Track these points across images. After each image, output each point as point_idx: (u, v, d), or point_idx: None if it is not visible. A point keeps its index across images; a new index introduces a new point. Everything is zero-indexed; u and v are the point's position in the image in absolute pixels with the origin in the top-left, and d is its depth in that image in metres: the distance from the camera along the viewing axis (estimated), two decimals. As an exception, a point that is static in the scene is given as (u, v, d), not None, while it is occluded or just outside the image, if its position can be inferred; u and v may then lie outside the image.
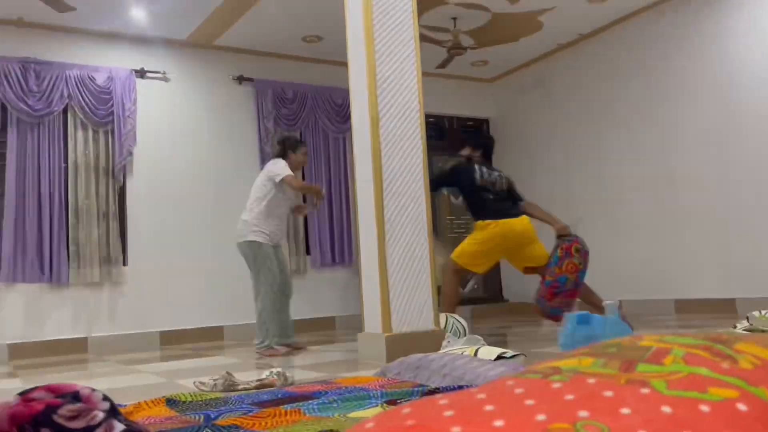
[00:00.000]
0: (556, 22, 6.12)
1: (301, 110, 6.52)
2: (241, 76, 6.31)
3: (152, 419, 1.76)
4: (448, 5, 5.61)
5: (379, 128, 3.54)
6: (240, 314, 5.97)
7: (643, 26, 6.04)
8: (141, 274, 5.66)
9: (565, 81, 6.87)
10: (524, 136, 7.41)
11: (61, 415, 1.04)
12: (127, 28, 5.66)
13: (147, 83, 5.91)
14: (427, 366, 2.30)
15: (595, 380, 0.58)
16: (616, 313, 2.74)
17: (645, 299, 5.89)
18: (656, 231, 5.89)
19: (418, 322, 3.51)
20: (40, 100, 5.38)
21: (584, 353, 0.68)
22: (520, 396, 0.57)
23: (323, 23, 5.75)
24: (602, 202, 6.43)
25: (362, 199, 3.65)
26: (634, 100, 6.13)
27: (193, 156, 6.04)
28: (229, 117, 6.26)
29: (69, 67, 5.54)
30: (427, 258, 3.59)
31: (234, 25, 5.76)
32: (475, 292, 7.52)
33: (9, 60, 5.31)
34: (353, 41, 3.76)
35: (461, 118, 7.71)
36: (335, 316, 6.44)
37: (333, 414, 1.66)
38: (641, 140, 6.05)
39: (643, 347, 0.67)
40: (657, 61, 5.92)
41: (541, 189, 7.17)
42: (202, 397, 2.04)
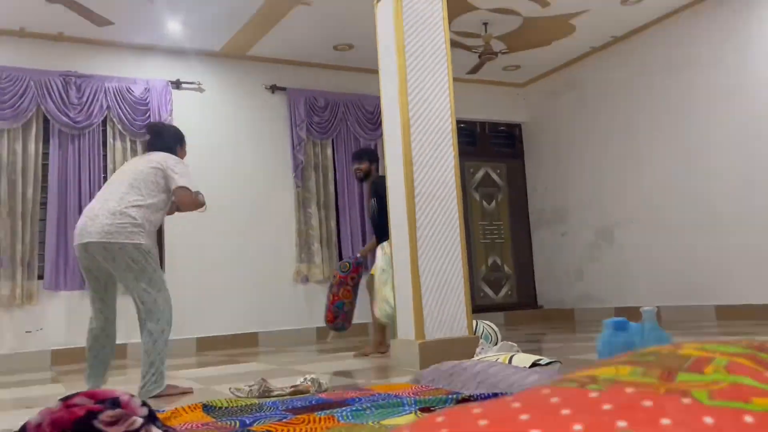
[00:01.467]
0: (589, 25, 6.05)
1: (332, 118, 6.56)
2: (274, 85, 6.39)
3: (189, 425, 1.79)
4: (479, 11, 5.59)
5: (411, 135, 3.54)
6: (274, 321, 6.03)
7: (677, 28, 5.93)
8: (177, 281, 5.74)
9: (598, 84, 6.78)
10: (557, 140, 7.33)
11: (101, 420, 1.07)
12: (163, 40, 5.80)
13: (182, 94, 6.03)
14: (461, 373, 2.29)
15: (633, 390, 0.57)
16: (654, 320, 2.68)
17: (684, 305, 5.75)
18: (695, 235, 5.75)
19: (452, 328, 3.49)
20: (81, 112, 5.54)
21: (622, 362, 0.67)
22: (556, 405, 0.56)
23: (354, 31, 5.79)
24: (638, 206, 6.31)
25: (394, 205, 3.66)
26: (668, 102, 6.01)
27: (228, 165, 6.13)
28: (263, 126, 6.34)
29: (108, 80, 5.69)
30: (460, 264, 3.57)
31: (266, 36, 5.85)
32: (508, 298, 7.45)
33: (51, 74, 5.48)
34: (384, 48, 3.78)
35: (493, 123, 7.67)
36: (368, 323, 6.45)
37: (366, 421, 1.66)
38: (677, 142, 5.93)
39: (684, 356, 0.65)
40: (692, 62, 5.79)
41: (575, 193, 7.08)
42: (238, 403, 2.06)
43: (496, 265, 7.45)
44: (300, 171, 6.33)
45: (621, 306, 6.33)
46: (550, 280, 7.43)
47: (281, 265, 6.17)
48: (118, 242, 3.00)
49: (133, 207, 3.07)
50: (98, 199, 3.16)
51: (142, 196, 3.12)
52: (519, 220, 7.67)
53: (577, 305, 7.04)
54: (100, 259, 3.05)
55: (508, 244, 7.55)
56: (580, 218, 7.02)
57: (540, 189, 7.57)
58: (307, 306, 6.22)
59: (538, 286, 7.57)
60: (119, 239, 3.01)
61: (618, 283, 6.52)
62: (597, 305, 6.74)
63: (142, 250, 3.05)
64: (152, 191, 3.15)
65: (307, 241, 6.28)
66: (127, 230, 3.03)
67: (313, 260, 6.26)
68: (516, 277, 7.51)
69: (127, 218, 3.04)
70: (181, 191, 3.17)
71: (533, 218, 7.67)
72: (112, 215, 3.03)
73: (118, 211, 3.04)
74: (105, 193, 3.17)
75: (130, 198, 3.09)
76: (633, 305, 6.02)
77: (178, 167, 3.21)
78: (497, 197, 7.59)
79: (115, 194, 3.10)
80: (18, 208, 5.26)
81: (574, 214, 7.09)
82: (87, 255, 3.06)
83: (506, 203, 7.62)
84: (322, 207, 6.41)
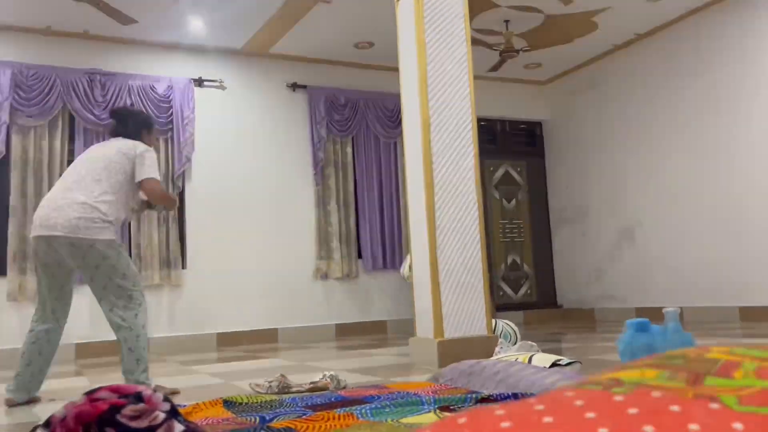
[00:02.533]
0: (612, 22, 5.98)
1: (353, 116, 6.57)
2: (295, 83, 6.41)
3: (210, 420, 1.80)
4: (501, 8, 5.55)
5: (431, 132, 3.53)
6: (294, 317, 6.07)
7: (702, 24, 5.84)
8: (199, 277, 5.82)
9: (621, 82, 6.70)
10: (579, 138, 7.26)
11: (124, 415, 1.08)
12: (186, 39, 5.85)
13: (205, 92, 6.08)
14: (480, 372, 2.28)
15: (660, 393, 0.56)
16: (677, 321, 2.64)
17: (706, 306, 5.67)
18: (718, 234, 5.66)
19: (471, 327, 3.47)
20: (105, 109, 5.61)
21: (647, 364, 0.66)
22: (580, 408, 0.55)
23: (374, 29, 5.79)
24: (661, 206, 6.23)
25: (413, 204, 3.65)
26: (693, 101, 5.92)
27: (249, 162, 6.18)
28: (283, 123, 6.37)
29: (132, 78, 5.75)
30: (480, 263, 3.55)
31: (287, 34, 5.87)
32: (527, 298, 7.40)
33: (76, 72, 5.56)
34: (405, 46, 3.77)
35: (514, 121, 7.62)
36: (387, 320, 6.46)
37: (386, 419, 1.66)
38: (701, 141, 5.84)
39: (711, 360, 0.64)
40: (717, 59, 5.70)
41: (596, 192, 7.01)
42: (258, 399, 2.07)
43: (516, 264, 7.40)
44: (320, 169, 6.35)
45: (642, 306, 6.26)
46: (570, 279, 7.37)
47: (301, 262, 6.20)
48: (88, 239, 2.75)
49: (103, 202, 2.83)
50: (60, 188, 2.88)
51: (111, 188, 2.87)
52: (539, 218, 7.61)
53: (597, 305, 6.98)
54: (64, 255, 2.79)
55: (528, 243, 7.50)
56: (600, 217, 6.95)
57: (561, 188, 7.51)
58: (326, 303, 6.24)
59: (558, 285, 7.51)
60: (89, 235, 2.75)
61: (639, 283, 6.45)
62: (617, 305, 6.67)
63: (114, 245, 2.81)
64: (121, 183, 2.91)
65: (326, 238, 6.30)
66: (97, 226, 2.78)
67: (333, 257, 6.28)
68: (535, 276, 7.47)
69: (96, 213, 2.79)
70: (150, 182, 2.94)
71: (553, 217, 7.61)
72: (81, 208, 2.77)
73: (88, 205, 2.79)
74: (68, 182, 2.88)
75: (99, 190, 2.84)
76: (654, 305, 5.95)
77: (148, 157, 2.96)
78: (517, 196, 7.55)
79: (81, 185, 2.84)
80: (43, 204, 5.34)
81: (595, 213, 7.02)
82: (48, 249, 2.79)
83: (526, 202, 7.57)
84: (342, 204, 6.42)
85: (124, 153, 2.95)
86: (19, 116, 5.35)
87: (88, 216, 2.77)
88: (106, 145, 3.06)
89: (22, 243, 5.22)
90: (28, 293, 5.19)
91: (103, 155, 2.95)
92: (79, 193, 2.82)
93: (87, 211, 2.78)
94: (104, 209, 2.82)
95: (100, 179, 2.87)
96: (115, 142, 3.05)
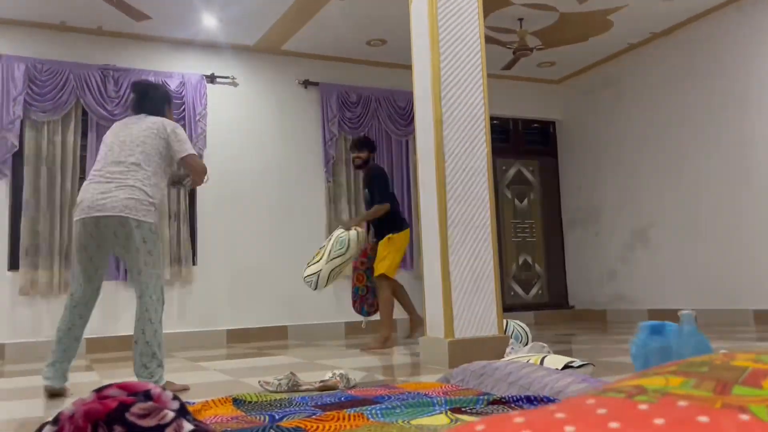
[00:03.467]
0: (627, 21, 5.92)
1: (364, 113, 6.55)
2: (307, 80, 6.40)
3: (219, 418, 1.79)
4: (515, 6, 5.51)
5: (443, 131, 3.51)
6: (303, 315, 6.06)
7: (719, 23, 5.76)
8: (209, 273, 5.83)
9: (636, 82, 6.63)
10: (593, 138, 7.20)
11: (133, 413, 1.07)
12: (199, 35, 5.86)
13: (217, 88, 6.08)
14: (492, 374, 2.25)
15: (686, 403, 0.54)
16: (693, 324, 2.60)
17: (721, 309, 5.60)
18: (733, 237, 5.59)
19: (482, 327, 3.45)
20: (118, 105, 5.63)
21: (671, 371, 0.64)
22: (603, 417, 0.53)
23: (387, 27, 5.77)
24: (675, 207, 6.16)
25: (425, 202, 3.63)
26: (709, 101, 5.85)
27: (260, 159, 6.18)
28: (295, 120, 6.36)
29: (144, 73, 5.76)
30: (491, 262, 3.52)
31: (300, 31, 5.86)
32: (539, 298, 7.36)
33: (89, 67, 5.58)
34: (418, 43, 3.75)
35: (527, 120, 7.57)
36: (397, 319, 6.43)
37: (396, 420, 1.65)
38: (717, 143, 5.77)
39: (738, 367, 0.62)
40: (734, 59, 5.62)
41: (609, 193, 6.95)
42: (267, 398, 2.06)
43: (527, 264, 7.36)
44: (331, 166, 6.34)
45: (655, 308, 6.20)
46: (582, 280, 7.31)
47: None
48: (136, 219, 2.82)
49: (148, 185, 2.90)
50: (102, 173, 2.93)
51: (153, 171, 2.94)
52: (551, 218, 7.56)
53: (609, 306, 6.92)
54: (110, 236, 2.84)
55: (540, 243, 7.45)
56: (614, 218, 6.89)
57: (574, 187, 7.45)
58: (336, 300, 6.23)
59: (570, 286, 7.46)
60: (137, 216, 2.83)
61: (652, 285, 6.38)
62: (630, 307, 6.61)
63: (154, 230, 2.90)
64: (158, 164, 2.98)
65: (337, 236, 6.28)
66: (144, 207, 2.87)
67: (343, 255, 6.26)
68: (547, 277, 7.42)
69: (143, 194, 2.87)
70: (193, 158, 3.04)
71: (566, 217, 7.56)
72: (130, 190, 2.85)
73: (136, 187, 2.87)
74: (109, 166, 2.93)
75: (143, 174, 2.91)
76: (667, 308, 5.89)
77: (180, 133, 3.03)
78: (530, 195, 7.50)
79: (122, 168, 2.90)
80: (57, 199, 5.37)
81: (609, 213, 6.96)
82: (95, 230, 2.85)
83: (539, 201, 7.52)
84: (353, 202, 6.41)
85: (155, 133, 2.99)
86: (33, 111, 5.38)
87: (137, 197, 2.86)
88: (133, 125, 3.05)
89: (35, 238, 5.25)
90: (40, 288, 5.22)
91: (137, 137, 2.98)
92: (124, 176, 2.88)
93: (135, 193, 2.86)
94: (150, 192, 2.91)
95: (140, 162, 2.93)
96: (141, 121, 3.05)
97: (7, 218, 5.30)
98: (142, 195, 2.88)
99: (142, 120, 3.05)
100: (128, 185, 2.87)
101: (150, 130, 3.00)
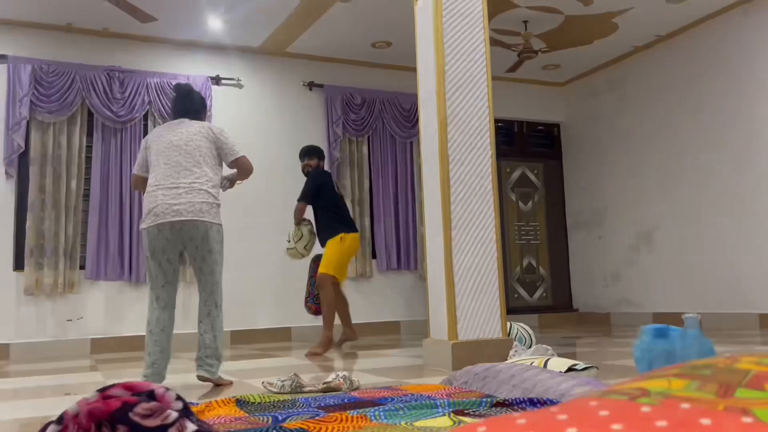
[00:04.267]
0: (632, 24, 5.91)
1: (369, 115, 6.56)
2: (312, 82, 6.41)
3: (222, 418, 1.80)
4: (520, 8, 5.51)
5: (447, 133, 3.51)
6: (307, 316, 6.06)
7: (725, 27, 5.75)
8: (213, 274, 5.83)
9: (641, 84, 6.62)
10: (597, 141, 7.19)
11: (136, 413, 1.07)
12: (204, 37, 5.88)
13: (222, 90, 6.10)
14: (495, 376, 2.25)
15: (689, 405, 0.54)
16: (697, 328, 2.59)
17: (725, 312, 5.58)
18: (738, 240, 5.57)
19: (485, 330, 3.44)
20: (123, 106, 5.65)
21: (674, 374, 0.63)
22: (605, 419, 0.53)
23: (392, 29, 5.77)
24: (680, 210, 6.15)
25: (429, 204, 3.63)
26: (714, 105, 5.83)
27: (265, 160, 6.17)
28: (300, 122, 6.37)
29: (150, 75, 5.79)
30: (495, 265, 3.52)
31: (305, 33, 5.87)
32: (543, 301, 7.35)
33: (95, 69, 5.60)
34: (423, 45, 3.75)
35: (531, 122, 7.56)
36: (400, 321, 6.44)
37: (399, 422, 1.65)
38: (721, 145, 5.75)
39: (742, 370, 0.61)
40: (740, 63, 5.61)
41: (614, 195, 6.93)
42: (271, 399, 2.06)
43: (531, 266, 7.35)
44: (335, 168, 6.35)
45: (659, 311, 6.18)
46: (586, 283, 7.30)
47: (315, 261, 6.19)
48: (209, 222, 2.97)
49: (212, 186, 3.04)
50: (168, 179, 3.00)
51: (212, 172, 3.07)
52: (555, 221, 7.55)
53: (613, 309, 6.90)
54: (186, 240, 2.95)
55: (544, 246, 7.44)
56: (618, 221, 6.88)
57: (578, 190, 7.44)
58: (339, 302, 6.23)
59: (574, 288, 7.45)
60: (209, 219, 2.97)
61: (656, 288, 6.37)
62: (634, 310, 6.59)
63: (222, 232, 3.07)
64: (214, 167, 3.11)
65: (341, 237, 6.28)
66: (214, 210, 3.02)
67: (347, 257, 6.26)
68: (551, 279, 7.40)
69: (211, 197, 3.01)
70: (245, 158, 3.18)
71: (570, 220, 7.54)
72: (199, 194, 2.97)
73: (203, 190, 2.99)
74: (173, 171, 3.01)
75: (205, 177, 3.02)
76: (671, 311, 5.88)
77: (227, 135, 3.17)
78: (534, 198, 7.49)
79: (188, 173, 2.99)
80: (62, 200, 5.39)
81: (613, 216, 6.95)
82: (171, 235, 2.94)
83: (543, 204, 7.51)
84: (357, 204, 6.41)
85: (205, 137, 3.11)
86: (39, 112, 5.41)
87: (207, 201, 3.01)
88: (180, 130, 3.13)
89: (39, 238, 5.27)
90: (44, 288, 5.24)
91: (191, 142, 3.08)
92: (191, 180, 3.00)
93: (205, 196, 3.01)
94: (214, 193, 3.07)
95: (200, 164, 3.05)
96: (186, 126, 3.14)
97: (13, 218, 5.32)
98: (211, 198, 3.02)
99: (187, 124, 3.15)
100: (197, 189, 2.99)
101: (200, 134, 3.11)
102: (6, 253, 5.26)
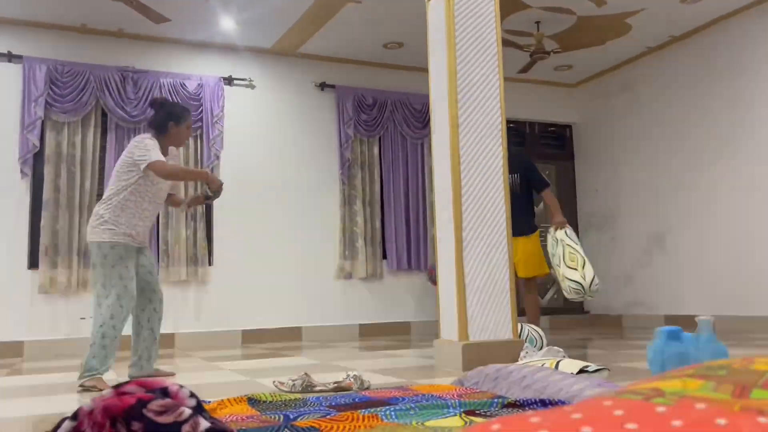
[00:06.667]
0: (646, 25, 5.88)
1: (380, 116, 6.57)
2: (324, 82, 6.43)
3: (234, 417, 1.81)
4: (532, 9, 5.50)
5: (459, 134, 3.50)
6: (318, 316, 6.08)
7: (740, 28, 5.70)
8: (225, 274, 5.87)
9: (654, 85, 6.58)
10: (609, 142, 7.15)
11: (150, 409, 1.08)
12: (217, 38, 5.91)
13: (234, 90, 6.13)
14: (507, 377, 2.25)
15: (705, 406, 0.54)
16: (711, 331, 2.57)
17: (738, 315, 5.53)
18: (751, 242, 5.52)
19: (496, 331, 3.44)
20: (137, 106, 5.69)
21: (689, 374, 0.63)
22: (620, 418, 0.53)
23: (404, 30, 5.78)
24: (692, 212, 6.10)
25: (440, 205, 3.62)
26: (728, 106, 5.78)
27: (276, 160, 6.21)
28: (311, 123, 6.39)
29: (163, 75, 5.83)
30: (507, 266, 3.51)
31: (317, 34, 5.89)
32: (554, 302, 7.31)
33: (109, 69, 5.65)
34: (435, 46, 3.75)
35: (543, 123, 7.54)
36: (411, 322, 6.43)
37: (410, 421, 1.65)
38: (735, 147, 5.70)
39: (757, 371, 0.61)
40: (755, 64, 5.56)
41: (626, 197, 6.89)
42: (282, 398, 2.07)
43: (543, 268, 7.30)
44: (346, 168, 6.36)
45: (671, 314, 6.14)
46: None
47: (325, 261, 6.21)
48: (91, 241, 3.21)
49: (102, 203, 3.24)
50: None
51: (112, 189, 3.25)
52: (568, 222, 7.49)
53: (625, 311, 6.86)
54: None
55: (555, 247, 7.39)
56: (630, 222, 6.83)
57: (590, 191, 7.40)
58: (349, 303, 6.25)
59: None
60: (92, 238, 3.21)
61: (669, 291, 6.32)
62: (646, 312, 6.55)
63: (102, 247, 3.18)
64: (121, 182, 3.24)
65: (351, 238, 6.30)
66: (96, 229, 3.20)
67: (357, 257, 6.28)
68: (562, 281, 7.35)
69: (96, 217, 3.22)
70: (152, 165, 3.16)
71: (582, 221, 7.51)
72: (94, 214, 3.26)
73: (95, 210, 3.27)
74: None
75: (105, 195, 3.28)
76: (684, 313, 5.83)
77: (138, 150, 3.21)
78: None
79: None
80: (76, 199, 5.44)
81: (625, 218, 6.91)
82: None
83: (554, 205, 7.46)
84: (368, 204, 6.42)
85: (126, 155, 3.28)
86: (54, 112, 5.46)
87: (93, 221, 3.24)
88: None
89: (54, 237, 5.32)
90: (59, 286, 5.29)
91: (118, 162, 3.33)
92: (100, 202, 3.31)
93: (93, 216, 3.26)
94: (101, 211, 3.23)
95: (111, 186, 3.29)
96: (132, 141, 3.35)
97: (27, 217, 5.37)
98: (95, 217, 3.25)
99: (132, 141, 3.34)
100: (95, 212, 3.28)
101: (126, 152, 3.29)
102: (20, 251, 5.32)
